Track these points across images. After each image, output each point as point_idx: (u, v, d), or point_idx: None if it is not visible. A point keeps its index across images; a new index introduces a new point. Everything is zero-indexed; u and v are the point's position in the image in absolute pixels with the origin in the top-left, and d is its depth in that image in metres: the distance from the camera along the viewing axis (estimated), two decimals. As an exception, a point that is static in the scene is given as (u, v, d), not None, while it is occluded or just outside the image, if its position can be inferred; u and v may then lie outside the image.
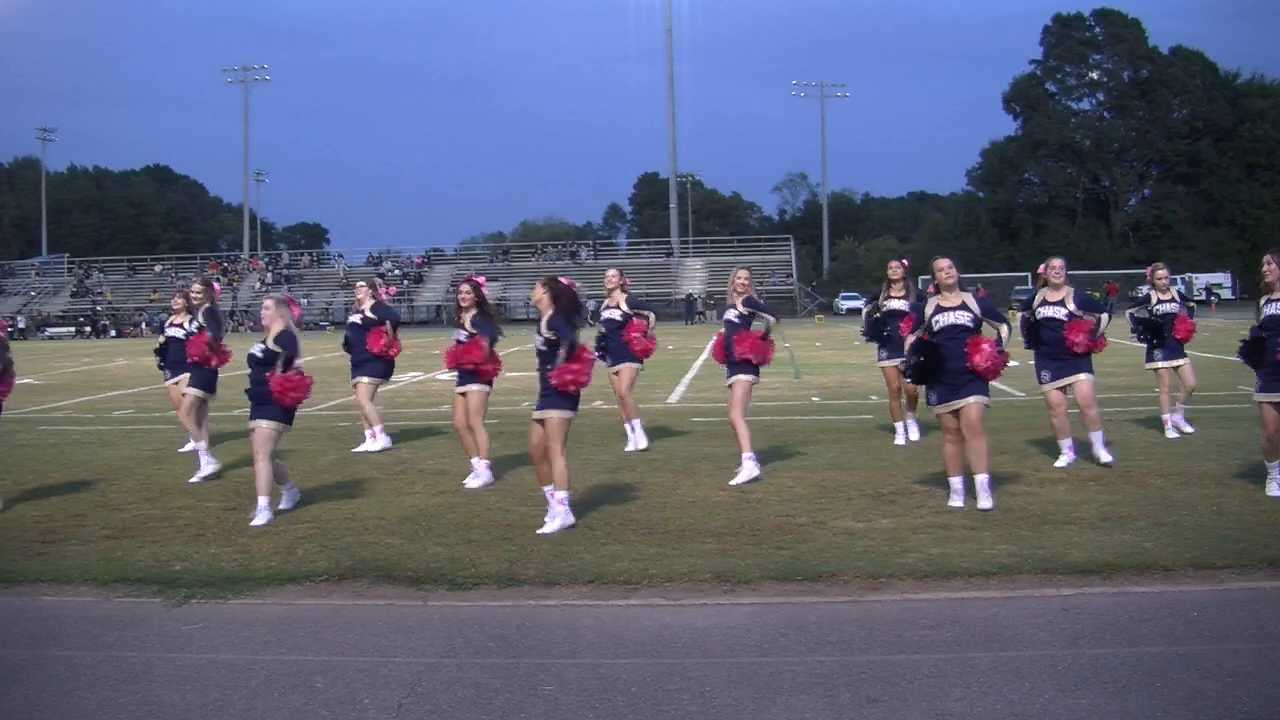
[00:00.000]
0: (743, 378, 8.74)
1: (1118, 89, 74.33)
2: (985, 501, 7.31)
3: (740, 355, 8.66)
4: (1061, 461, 8.87)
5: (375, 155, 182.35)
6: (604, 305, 10.89)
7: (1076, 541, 6.42)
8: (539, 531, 7.02)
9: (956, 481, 7.53)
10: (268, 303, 8.05)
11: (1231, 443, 9.52)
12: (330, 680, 4.63)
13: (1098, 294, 11.69)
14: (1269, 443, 7.47)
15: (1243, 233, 67.54)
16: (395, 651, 4.99)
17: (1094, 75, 75.29)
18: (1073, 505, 7.42)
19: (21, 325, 57.28)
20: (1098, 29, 74.63)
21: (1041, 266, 9.50)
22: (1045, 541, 6.45)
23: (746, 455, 8.64)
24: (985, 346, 7.42)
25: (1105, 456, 8.77)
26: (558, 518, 7.09)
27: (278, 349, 7.75)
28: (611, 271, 10.87)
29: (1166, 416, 10.45)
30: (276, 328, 7.83)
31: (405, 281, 64.89)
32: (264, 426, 7.63)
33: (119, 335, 57.08)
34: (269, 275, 67.16)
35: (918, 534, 6.72)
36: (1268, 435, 7.44)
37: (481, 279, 9.25)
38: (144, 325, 59.18)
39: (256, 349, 7.80)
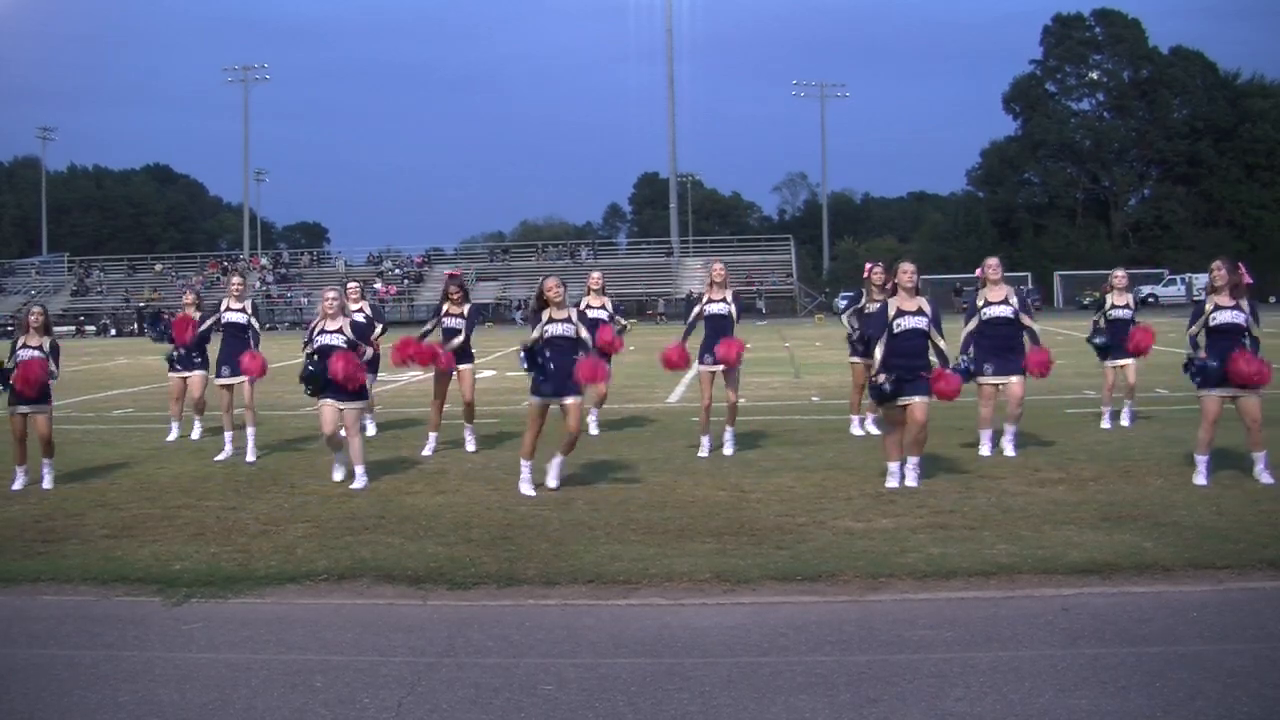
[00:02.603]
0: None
1: (1118, 89, 74.25)
2: (911, 480, 8.14)
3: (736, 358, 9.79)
4: (984, 450, 9.54)
5: (375, 155, 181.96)
6: (586, 305, 11.08)
7: (1076, 541, 6.43)
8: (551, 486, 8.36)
9: (893, 466, 8.17)
10: (331, 293, 9.12)
11: (1229, 444, 9.52)
12: (330, 680, 4.63)
13: (1096, 294, 11.76)
14: (1207, 434, 8.05)
15: (1243, 233, 67.45)
16: (395, 651, 4.99)
17: (1094, 75, 75.15)
18: (1072, 505, 7.42)
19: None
20: (1098, 29, 74.53)
21: (979, 269, 9.88)
22: (1045, 541, 6.45)
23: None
24: (947, 382, 8.13)
25: (1011, 451, 9.46)
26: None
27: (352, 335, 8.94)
28: (595, 274, 11.75)
29: (1105, 410, 11.18)
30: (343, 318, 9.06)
31: (405, 281, 64.87)
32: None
33: (119, 334, 57.06)
34: (270, 275, 67.13)
35: (917, 534, 6.72)
36: (1206, 426, 8.03)
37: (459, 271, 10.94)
38: (137, 325, 59.17)
39: (338, 339, 8.80)
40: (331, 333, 8.87)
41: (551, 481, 8.38)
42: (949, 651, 4.79)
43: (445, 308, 10.53)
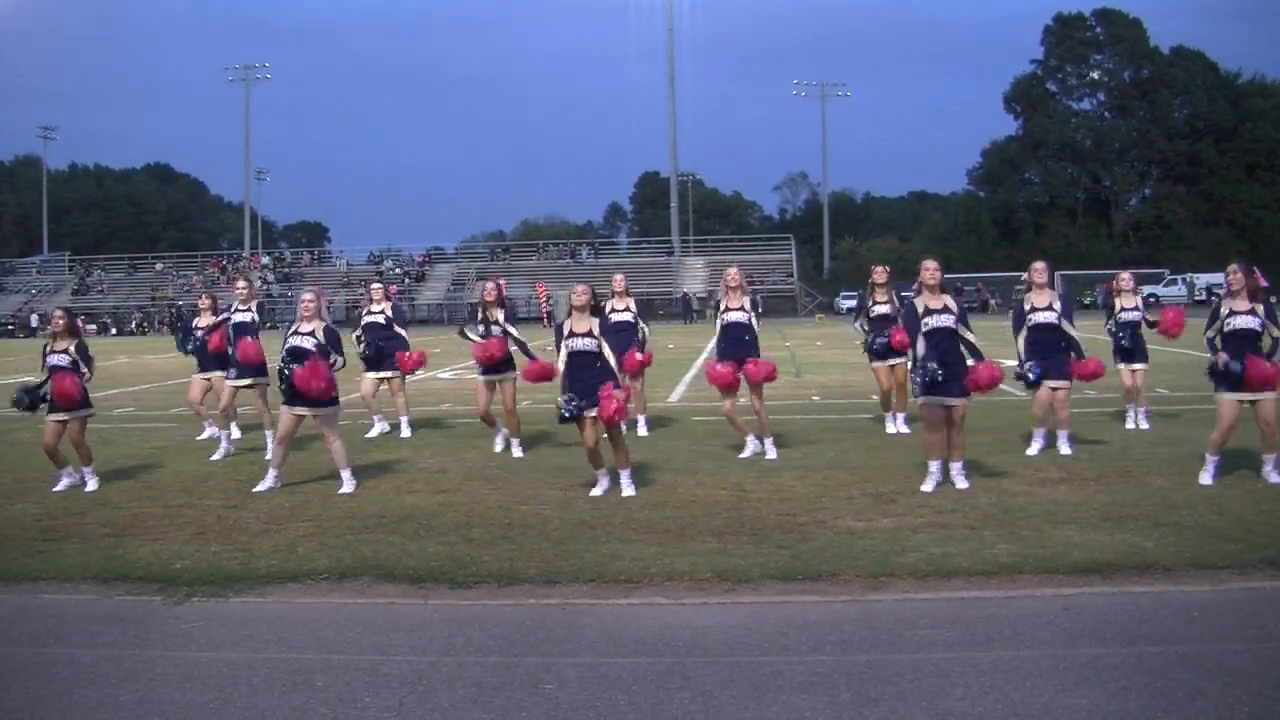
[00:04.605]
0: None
1: (1118, 89, 74.28)
2: (962, 483, 8.05)
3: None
4: (1033, 449, 9.63)
5: (376, 154, 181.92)
6: (610, 309, 11.07)
7: (1077, 541, 6.43)
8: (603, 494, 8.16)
9: (934, 465, 8.10)
10: (308, 295, 8.88)
11: (1230, 443, 9.52)
12: (331, 679, 4.63)
13: (1095, 295, 11.80)
14: (1222, 436, 8.02)
15: (1243, 233, 67.49)
16: (396, 650, 4.99)
17: (1095, 75, 75.21)
18: (1073, 505, 7.43)
19: (34, 324, 57.50)
20: (1098, 29, 74.57)
21: (1025, 273, 9.94)
22: (1046, 541, 6.45)
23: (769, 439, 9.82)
24: (983, 372, 7.97)
25: (1066, 450, 9.52)
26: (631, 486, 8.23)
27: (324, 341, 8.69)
28: (619, 276, 11.69)
29: (1130, 409, 11.28)
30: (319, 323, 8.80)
31: (406, 280, 64.90)
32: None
33: (119, 333, 57.06)
34: (271, 274, 67.14)
35: (918, 533, 6.72)
36: (1223, 429, 7.99)
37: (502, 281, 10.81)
38: (134, 324, 59.23)
39: (308, 342, 8.57)
40: (303, 334, 8.65)
41: (628, 489, 8.17)
42: (950, 651, 4.79)
43: (482, 314, 10.40)
